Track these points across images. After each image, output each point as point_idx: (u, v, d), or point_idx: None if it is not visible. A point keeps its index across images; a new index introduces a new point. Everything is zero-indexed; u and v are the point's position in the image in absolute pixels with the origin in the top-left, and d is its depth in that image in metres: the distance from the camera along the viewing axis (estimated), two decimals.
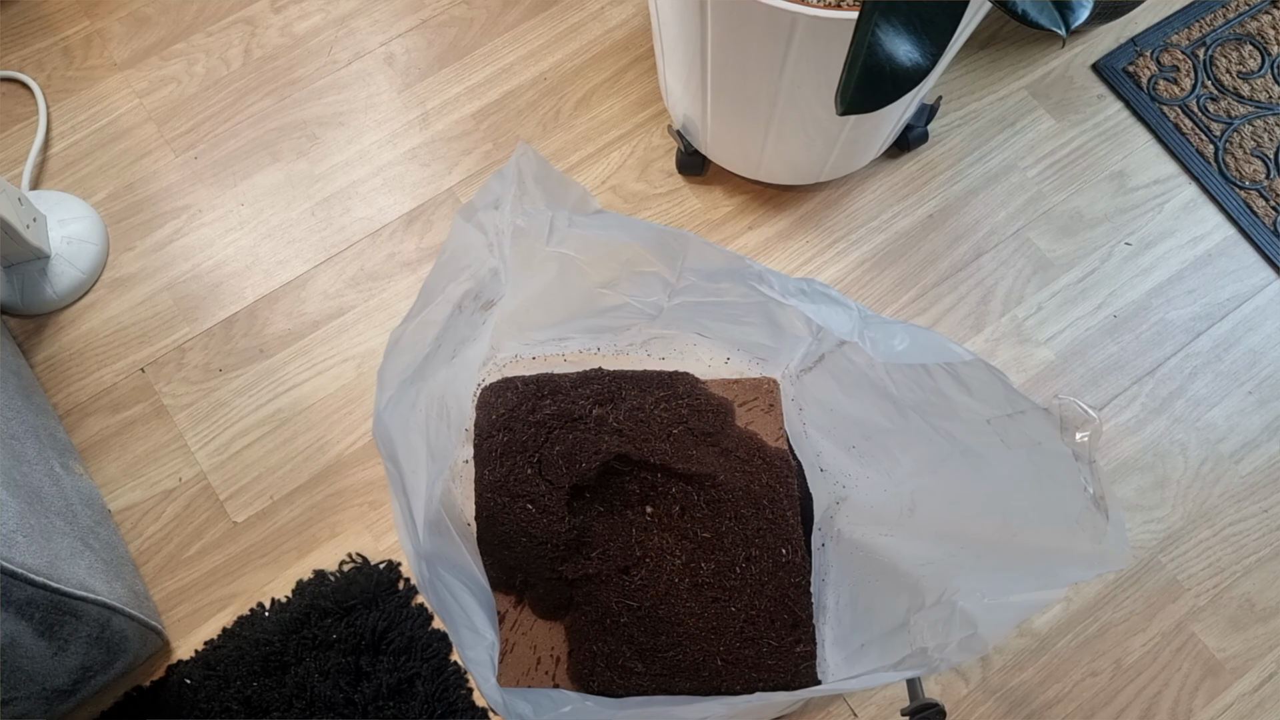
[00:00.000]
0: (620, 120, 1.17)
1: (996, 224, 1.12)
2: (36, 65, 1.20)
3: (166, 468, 1.02)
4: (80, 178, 1.15)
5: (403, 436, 0.66)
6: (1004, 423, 0.65)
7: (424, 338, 0.68)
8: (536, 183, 0.72)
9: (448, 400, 0.75)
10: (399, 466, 0.63)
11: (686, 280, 0.80)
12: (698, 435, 0.85)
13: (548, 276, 0.80)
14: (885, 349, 0.67)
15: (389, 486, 0.63)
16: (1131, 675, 0.95)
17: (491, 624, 0.71)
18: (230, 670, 0.94)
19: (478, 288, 0.72)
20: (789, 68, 0.87)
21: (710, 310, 0.85)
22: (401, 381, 0.66)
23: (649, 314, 0.87)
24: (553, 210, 0.73)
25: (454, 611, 0.64)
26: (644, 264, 0.78)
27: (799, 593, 0.86)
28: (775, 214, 1.13)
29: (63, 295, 1.07)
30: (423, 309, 0.68)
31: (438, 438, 0.74)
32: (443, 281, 0.69)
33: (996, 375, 0.64)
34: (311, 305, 1.09)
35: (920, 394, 0.72)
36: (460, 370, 0.78)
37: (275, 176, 1.15)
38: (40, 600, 0.76)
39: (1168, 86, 1.18)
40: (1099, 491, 0.57)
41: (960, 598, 0.64)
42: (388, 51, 1.21)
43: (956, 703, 0.94)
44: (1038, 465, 0.63)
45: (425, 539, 0.65)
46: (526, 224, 0.72)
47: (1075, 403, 0.60)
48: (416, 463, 0.69)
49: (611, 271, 0.80)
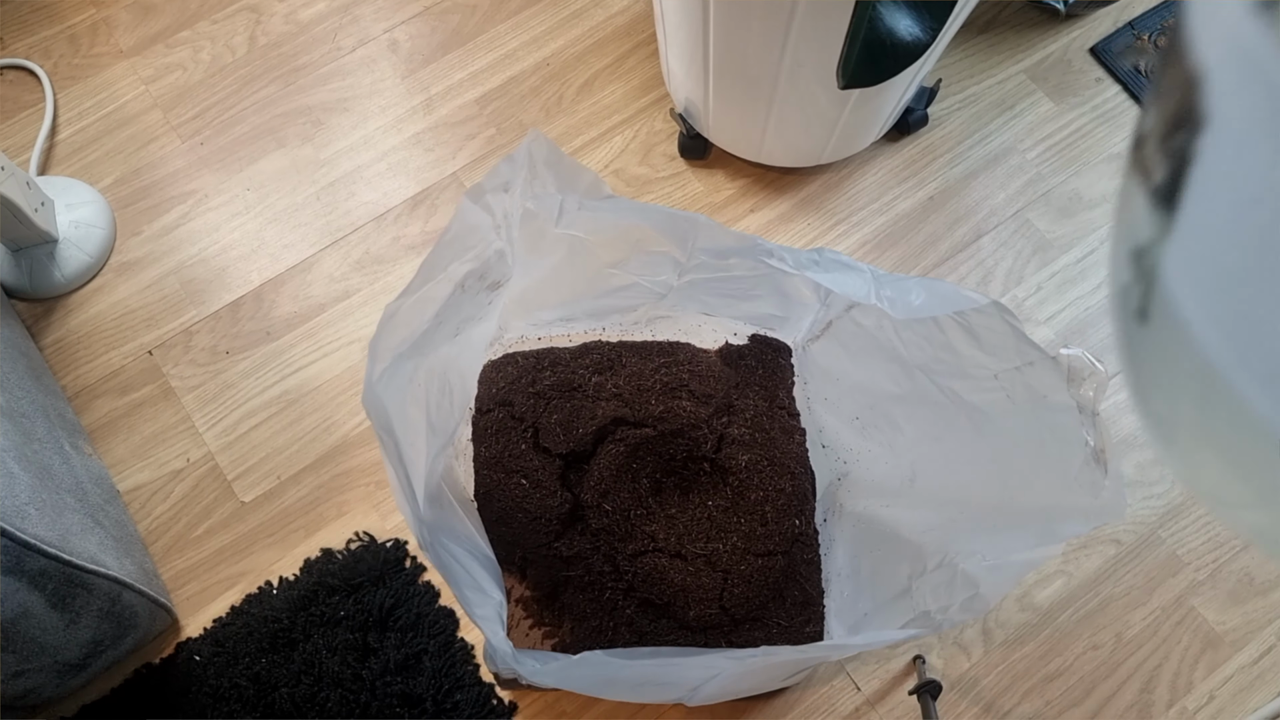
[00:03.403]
0: (623, 105, 1.18)
1: (996, 205, 1.13)
2: (43, 53, 1.21)
3: (175, 448, 1.03)
4: (87, 163, 1.16)
5: (399, 408, 0.67)
6: (1011, 376, 0.66)
7: (423, 314, 0.68)
8: (547, 167, 0.72)
9: (450, 377, 0.76)
10: (394, 436, 0.63)
11: (696, 259, 0.80)
12: (700, 399, 0.85)
13: (556, 257, 0.81)
14: (903, 306, 0.67)
15: (383, 456, 0.63)
16: (1132, 648, 0.96)
17: (499, 587, 0.71)
18: (239, 647, 0.95)
19: (482, 268, 0.73)
20: (790, 48, 0.88)
21: (718, 286, 0.85)
22: (397, 355, 0.66)
23: (657, 293, 0.87)
24: (563, 194, 0.74)
25: (458, 574, 0.65)
26: (654, 244, 0.79)
27: (810, 569, 0.86)
28: (777, 197, 1.14)
29: (71, 279, 1.08)
30: (422, 285, 0.68)
31: (439, 412, 0.74)
32: (445, 260, 0.70)
33: (1009, 321, 0.65)
34: (317, 288, 1.10)
35: (930, 351, 0.72)
36: (464, 349, 0.78)
37: (280, 162, 1.16)
38: (53, 572, 0.77)
39: None
40: (1100, 444, 0.58)
41: (961, 560, 0.65)
42: (391, 38, 1.22)
43: (959, 676, 0.94)
44: (1041, 420, 0.64)
45: (426, 508, 0.66)
46: (536, 206, 0.73)
47: (1083, 354, 0.60)
48: (415, 435, 0.70)
49: (621, 252, 0.81)
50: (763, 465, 0.84)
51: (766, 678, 0.78)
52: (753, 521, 0.83)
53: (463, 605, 0.62)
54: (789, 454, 0.87)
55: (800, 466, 0.88)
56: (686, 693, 0.71)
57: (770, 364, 0.91)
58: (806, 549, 0.86)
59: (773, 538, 0.82)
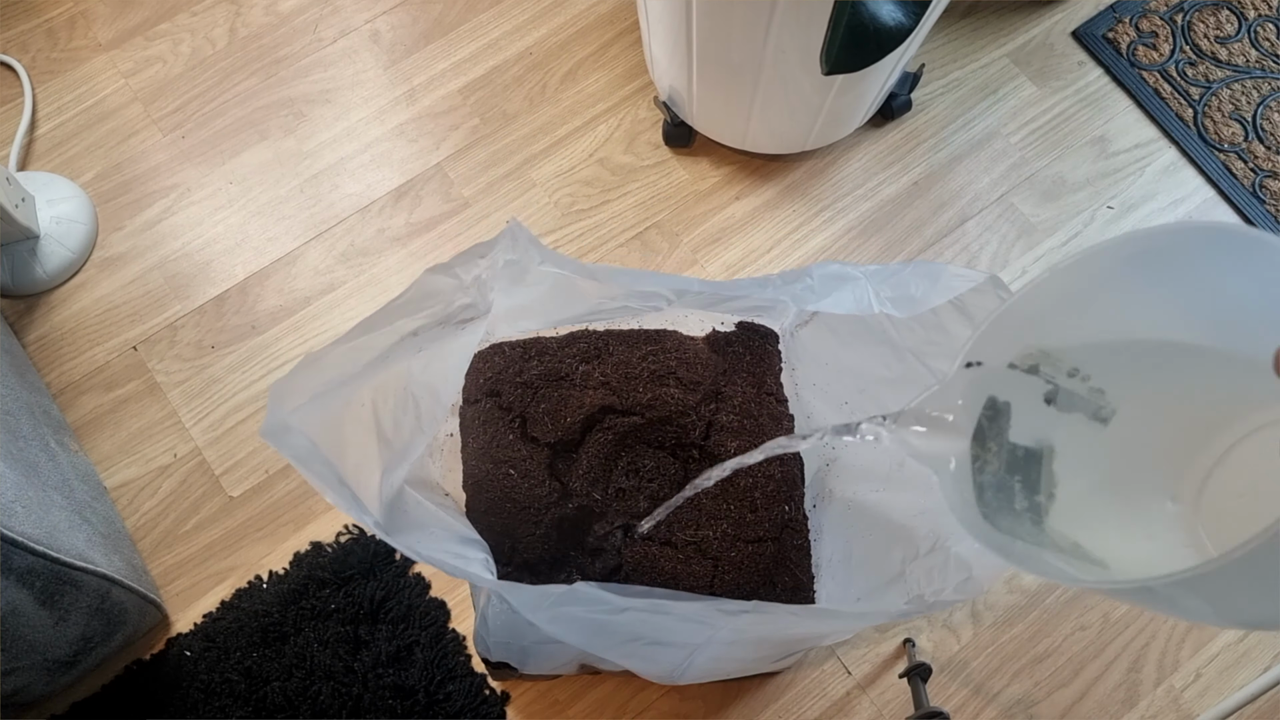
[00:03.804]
0: (606, 94, 1.18)
1: (980, 190, 1.14)
2: (20, 47, 1.20)
3: (161, 444, 1.03)
4: (68, 158, 1.15)
5: (333, 432, 0.65)
6: None
7: (357, 360, 0.66)
8: (530, 245, 0.71)
9: (414, 390, 0.74)
10: (323, 460, 0.61)
11: (688, 299, 0.80)
12: (687, 386, 0.85)
13: (541, 290, 0.80)
14: (905, 303, 0.67)
15: (311, 480, 0.59)
16: (1119, 628, 0.96)
17: (483, 550, 0.71)
18: (230, 642, 0.95)
19: (443, 319, 0.71)
20: (773, 34, 0.88)
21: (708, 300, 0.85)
22: (321, 393, 0.64)
23: (646, 310, 0.87)
24: (543, 255, 0.72)
25: (435, 554, 0.64)
26: (645, 284, 0.78)
27: (801, 556, 0.86)
28: (762, 184, 1.14)
29: (53, 275, 1.08)
30: (358, 336, 0.66)
31: (397, 427, 0.72)
32: (391, 318, 0.67)
33: (1003, 297, 0.65)
34: (302, 281, 1.10)
35: (921, 333, 0.73)
36: (432, 361, 0.76)
37: (263, 154, 1.15)
38: (41, 569, 0.77)
39: (1146, 52, 1.19)
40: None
41: (954, 543, 0.66)
42: (373, 28, 1.21)
43: (949, 658, 0.95)
44: None
45: (384, 517, 0.64)
46: (518, 257, 0.72)
47: None
48: (363, 453, 0.68)
49: (610, 290, 0.80)
50: (748, 450, 0.84)
51: (758, 652, 0.78)
52: (742, 508, 0.83)
53: (446, 571, 0.62)
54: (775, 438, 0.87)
55: (789, 452, 0.88)
56: (679, 662, 0.71)
57: (758, 350, 0.91)
58: (796, 535, 0.86)
59: (762, 524, 0.82)
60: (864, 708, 0.94)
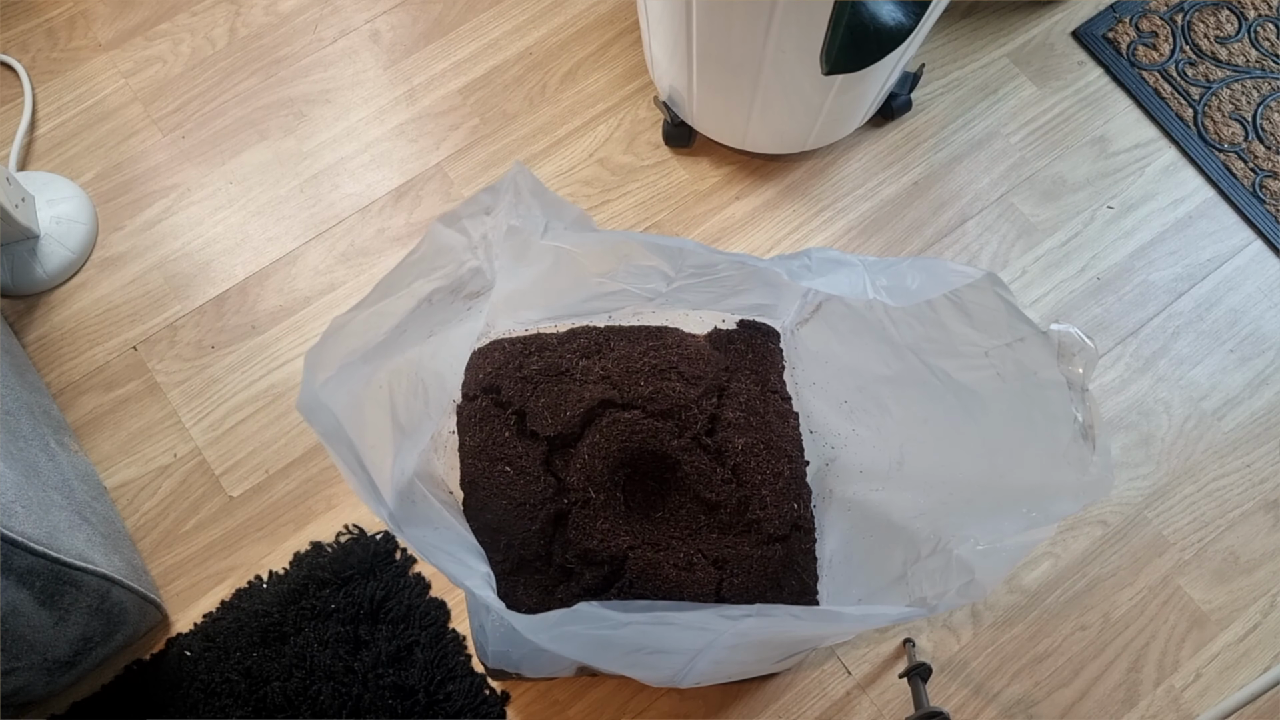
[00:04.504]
0: (606, 94, 1.18)
1: (980, 190, 1.14)
2: (20, 47, 1.20)
3: (161, 444, 1.03)
4: (68, 158, 1.15)
5: (353, 411, 0.65)
6: (1002, 353, 0.66)
7: (379, 326, 0.66)
8: (533, 197, 0.71)
9: (424, 376, 0.74)
10: (346, 439, 0.62)
11: (686, 273, 0.80)
12: (689, 380, 0.85)
13: (542, 266, 0.80)
14: (900, 293, 0.67)
15: (334, 459, 0.59)
16: (1120, 628, 0.96)
17: (484, 562, 0.71)
18: (230, 642, 0.94)
19: (455, 284, 0.71)
20: (774, 34, 0.88)
21: (706, 288, 0.85)
22: (346, 364, 0.65)
23: (645, 298, 0.87)
24: (548, 217, 0.73)
25: (440, 558, 0.64)
26: (643, 258, 0.78)
27: (807, 558, 0.85)
28: (762, 184, 1.14)
29: (53, 275, 1.08)
30: (380, 300, 0.66)
31: (408, 412, 0.73)
32: (408, 278, 0.67)
33: (1001, 294, 0.65)
34: (302, 281, 1.10)
35: (920, 330, 0.73)
36: (441, 347, 0.77)
37: (263, 154, 1.15)
38: (41, 569, 0.77)
39: (1147, 52, 1.19)
40: (1089, 420, 0.59)
41: (955, 545, 0.66)
42: (373, 28, 1.21)
43: (949, 658, 0.95)
44: (1030, 398, 0.64)
45: (397, 506, 0.65)
46: (521, 224, 0.72)
47: (1074, 330, 0.61)
48: (378, 435, 0.68)
49: (609, 264, 0.80)
50: (759, 448, 0.84)
51: (759, 654, 0.78)
52: (752, 506, 0.83)
53: (449, 577, 0.62)
54: (785, 437, 0.86)
55: (796, 450, 0.87)
56: (681, 666, 0.71)
57: (760, 348, 0.90)
58: (804, 536, 0.86)
59: (773, 522, 0.82)
60: (864, 708, 0.94)
